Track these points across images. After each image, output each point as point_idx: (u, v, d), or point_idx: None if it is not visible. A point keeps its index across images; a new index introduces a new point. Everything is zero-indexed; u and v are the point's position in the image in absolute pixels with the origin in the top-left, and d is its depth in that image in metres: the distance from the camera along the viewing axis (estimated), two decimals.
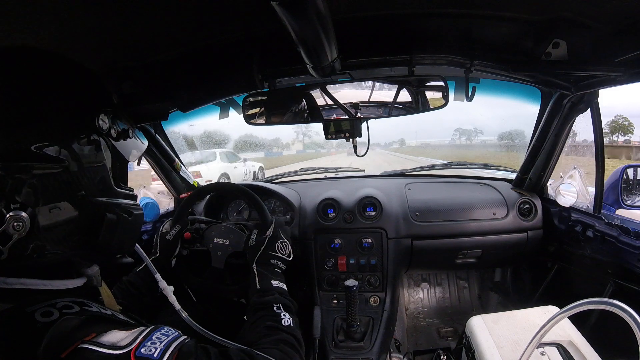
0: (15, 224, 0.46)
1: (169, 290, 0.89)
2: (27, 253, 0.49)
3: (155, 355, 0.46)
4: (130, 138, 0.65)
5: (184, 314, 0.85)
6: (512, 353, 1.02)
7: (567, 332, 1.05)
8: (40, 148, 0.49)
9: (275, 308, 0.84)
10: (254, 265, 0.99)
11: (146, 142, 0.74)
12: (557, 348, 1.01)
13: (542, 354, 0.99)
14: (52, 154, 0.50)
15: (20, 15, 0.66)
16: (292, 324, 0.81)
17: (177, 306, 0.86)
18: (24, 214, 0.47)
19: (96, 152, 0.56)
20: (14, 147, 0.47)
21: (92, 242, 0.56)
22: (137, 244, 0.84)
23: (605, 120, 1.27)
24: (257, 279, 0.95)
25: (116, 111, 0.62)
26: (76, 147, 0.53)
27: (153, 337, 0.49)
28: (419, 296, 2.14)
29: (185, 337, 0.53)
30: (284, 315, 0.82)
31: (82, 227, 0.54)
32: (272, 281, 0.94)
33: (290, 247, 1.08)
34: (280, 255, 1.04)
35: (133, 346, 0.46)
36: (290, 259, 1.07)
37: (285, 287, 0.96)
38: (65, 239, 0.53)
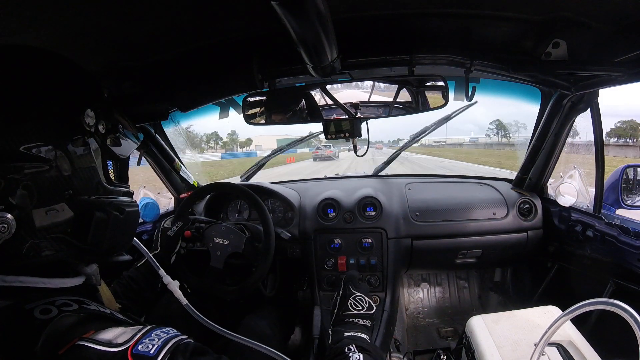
0: (0, 226, 0.45)
1: (174, 285, 0.88)
2: (15, 253, 0.48)
3: (151, 352, 0.45)
4: (120, 134, 0.64)
5: (192, 309, 0.82)
6: (512, 353, 1.02)
7: (567, 332, 1.05)
8: (22, 148, 0.48)
9: (346, 349, 0.73)
10: (330, 329, 0.87)
11: (139, 139, 0.74)
12: (557, 348, 1.01)
13: (542, 353, 0.99)
14: (36, 153, 0.49)
15: (21, 15, 0.66)
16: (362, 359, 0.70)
17: (184, 301, 0.85)
18: (9, 215, 0.46)
19: (83, 149, 0.55)
20: None
21: (82, 242, 0.55)
22: (137, 240, 0.84)
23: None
24: (330, 338, 0.84)
25: (104, 107, 0.61)
26: (61, 144, 0.52)
27: (152, 335, 0.48)
28: (419, 296, 2.14)
29: (185, 337, 0.52)
30: (354, 353, 0.71)
31: (72, 227, 0.54)
32: (345, 333, 0.82)
33: (368, 299, 0.92)
34: (355, 312, 0.89)
35: (130, 343, 0.45)
36: (372, 311, 0.90)
37: (364, 336, 0.81)
38: (54, 240, 0.52)
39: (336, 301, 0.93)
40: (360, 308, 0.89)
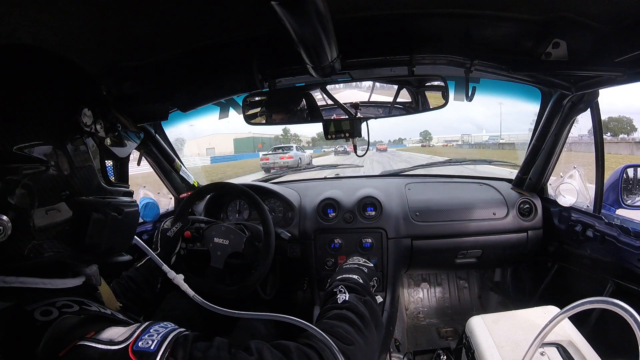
0: None
1: (179, 279, 0.88)
2: (14, 255, 0.48)
3: (152, 347, 0.45)
4: (119, 133, 0.63)
5: (200, 299, 0.81)
6: (512, 353, 1.02)
7: (567, 332, 1.05)
8: (20, 148, 0.47)
9: (337, 291, 0.78)
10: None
11: (139, 138, 0.74)
12: (557, 348, 1.01)
13: (542, 354, 0.98)
14: (31, 153, 0.48)
15: (21, 16, 0.66)
16: (348, 299, 0.74)
17: (191, 292, 0.84)
18: (4, 217, 0.46)
19: (80, 149, 0.54)
20: None
21: (79, 244, 0.54)
22: (138, 239, 0.83)
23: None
24: (328, 286, 0.90)
25: (102, 105, 0.60)
26: (58, 144, 0.51)
27: (150, 330, 0.48)
28: (419, 296, 2.14)
29: (183, 329, 0.52)
30: (341, 293, 0.77)
31: (69, 228, 0.53)
32: (337, 277, 0.89)
33: (363, 259, 1.04)
34: (351, 263, 1.01)
35: (130, 341, 0.46)
36: (370, 264, 1.02)
37: (355, 277, 0.87)
38: (52, 241, 0.51)
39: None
40: (358, 262, 1.00)
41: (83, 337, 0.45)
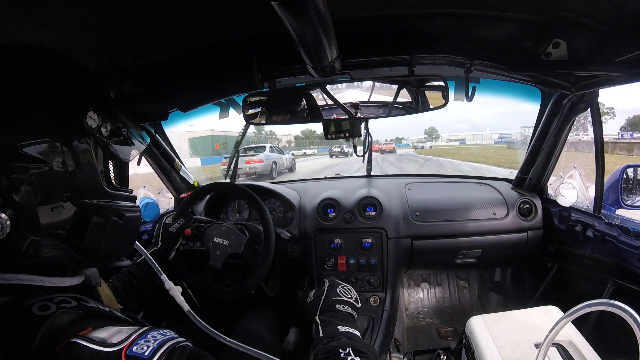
0: None
1: (176, 290, 0.85)
2: (12, 254, 0.48)
3: (146, 354, 0.44)
4: (124, 137, 0.63)
5: (193, 316, 0.78)
6: (512, 353, 1.02)
7: (567, 332, 1.05)
8: (22, 147, 0.47)
9: (342, 354, 0.68)
10: (317, 316, 0.84)
11: (145, 141, 0.73)
12: (557, 348, 1.01)
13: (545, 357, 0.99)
14: (34, 154, 0.48)
15: (21, 15, 0.66)
16: None
17: (186, 307, 0.81)
18: (3, 215, 0.46)
19: (84, 151, 0.54)
20: None
21: (78, 246, 0.54)
22: (138, 244, 0.83)
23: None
24: (320, 328, 0.79)
25: (109, 108, 0.60)
26: (61, 145, 0.51)
27: (148, 336, 0.47)
28: (419, 296, 2.14)
29: (183, 339, 0.51)
30: (349, 356, 0.67)
31: (68, 230, 0.53)
32: (338, 327, 0.78)
33: (354, 292, 0.92)
34: (345, 299, 0.88)
35: (125, 344, 0.45)
36: (359, 305, 0.90)
37: (357, 333, 0.78)
38: (50, 241, 0.51)
39: (323, 290, 0.90)
40: (350, 297, 0.89)
41: (77, 334, 0.44)
